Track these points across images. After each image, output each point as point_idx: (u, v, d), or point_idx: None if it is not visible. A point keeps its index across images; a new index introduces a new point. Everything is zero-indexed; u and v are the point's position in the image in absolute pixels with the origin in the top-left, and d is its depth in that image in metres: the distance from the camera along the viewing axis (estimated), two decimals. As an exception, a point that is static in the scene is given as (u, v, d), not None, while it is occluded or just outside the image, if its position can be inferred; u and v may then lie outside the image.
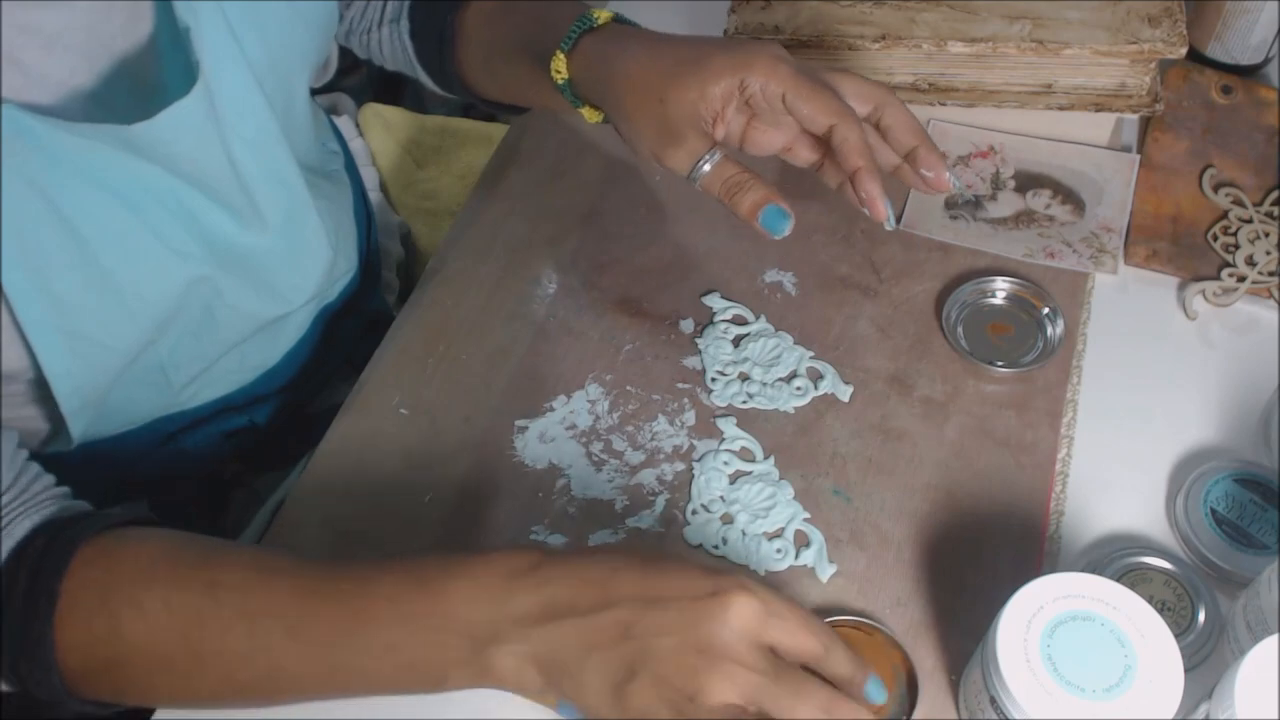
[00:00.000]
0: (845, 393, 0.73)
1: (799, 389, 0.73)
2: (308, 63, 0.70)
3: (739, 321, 0.77)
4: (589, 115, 0.69)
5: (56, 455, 0.64)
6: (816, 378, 0.74)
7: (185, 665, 0.54)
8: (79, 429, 0.63)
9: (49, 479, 0.59)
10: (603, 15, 0.67)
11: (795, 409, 0.73)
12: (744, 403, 0.73)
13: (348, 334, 0.84)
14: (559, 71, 0.66)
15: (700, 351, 0.76)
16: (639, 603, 0.49)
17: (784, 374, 0.74)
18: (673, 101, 0.60)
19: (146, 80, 0.59)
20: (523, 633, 0.50)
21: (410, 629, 0.51)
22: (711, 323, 0.77)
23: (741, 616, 0.48)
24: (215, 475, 0.82)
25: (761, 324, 0.77)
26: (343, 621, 0.53)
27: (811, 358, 0.75)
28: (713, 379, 0.74)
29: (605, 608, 0.49)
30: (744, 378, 0.74)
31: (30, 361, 0.57)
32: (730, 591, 0.49)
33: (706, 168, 0.61)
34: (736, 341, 0.76)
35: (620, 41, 0.65)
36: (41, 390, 0.60)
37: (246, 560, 0.56)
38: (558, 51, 0.66)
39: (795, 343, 0.76)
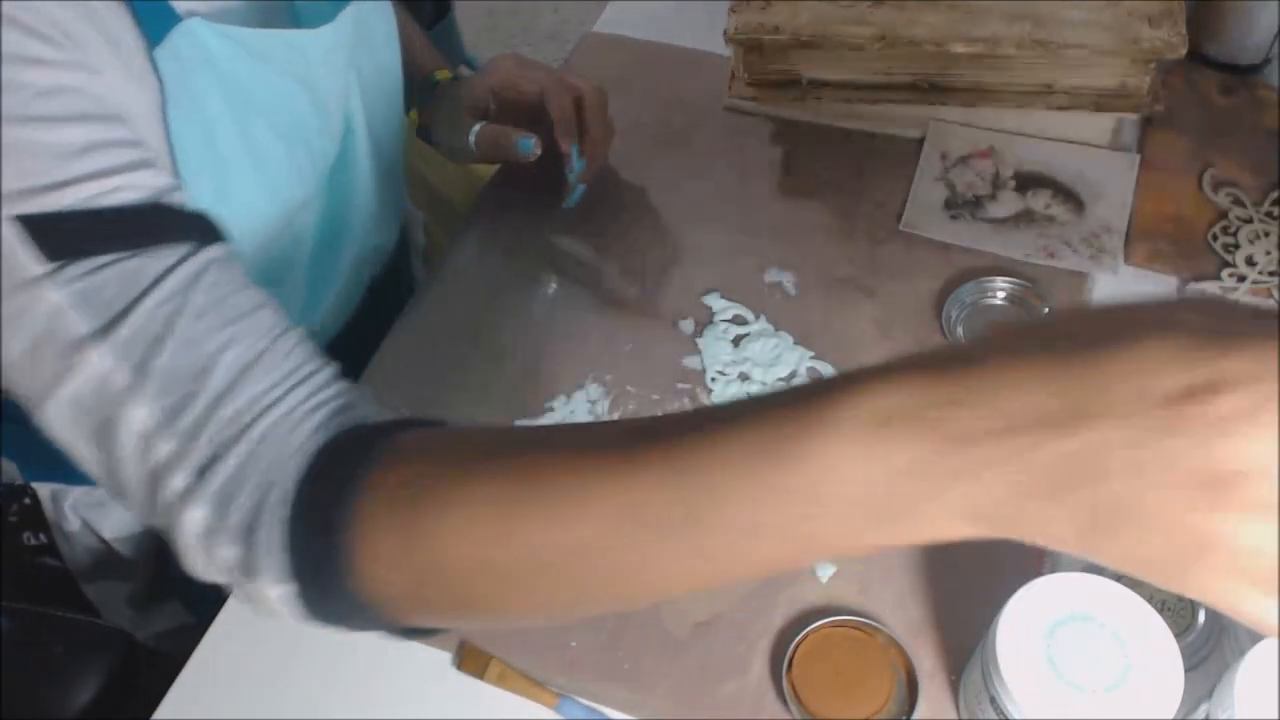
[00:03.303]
0: (845, 393, 0.73)
1: (799, 389, 0.73)
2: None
3: (739, 321, 0.77)
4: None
5: None
6: (817, 378, 0.74)
7: (518, 571, 0.43)
8: None
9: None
10: (440, 74, 0.85)
11: (795, 409, 0.73)
12: (744, 403, 0.73)
13: (389, 302, 0.84)
14: (414, 120, 0.86)
15: (700, 351, 0.76)
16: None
17: (784, 374, 0.74)
18: (462, 109, 0.81)
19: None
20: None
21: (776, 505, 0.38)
22: (711, 323, 0.77)
23: None
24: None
25: (761, 324, 0.77)
26: (696, 497, 0.39)
27: (811, 358, 0.75)
28: (713, 379, 0.74)
29: None
30: (744, 378, 0.74)
31: None
32: None
33: (472, 138, 0.78)
34: (736, 341, 0.76)
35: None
36: None
37: (566, 439, 0.45)
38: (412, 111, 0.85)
39: (795, 343, 0.76)
